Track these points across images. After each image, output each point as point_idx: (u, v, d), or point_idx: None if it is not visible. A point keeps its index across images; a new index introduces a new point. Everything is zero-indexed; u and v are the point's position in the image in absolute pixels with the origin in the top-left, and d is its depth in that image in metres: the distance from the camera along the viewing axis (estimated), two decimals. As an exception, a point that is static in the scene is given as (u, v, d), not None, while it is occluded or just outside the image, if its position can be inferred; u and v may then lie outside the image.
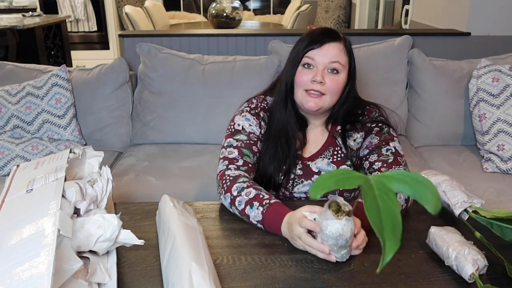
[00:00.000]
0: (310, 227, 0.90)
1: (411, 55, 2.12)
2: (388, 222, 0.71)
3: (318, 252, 0.90)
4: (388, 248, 0.69)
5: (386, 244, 0.69)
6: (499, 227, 0.94)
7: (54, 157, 1.00)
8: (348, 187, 0.76)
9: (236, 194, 1.07)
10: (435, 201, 0.72)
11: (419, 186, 0.74)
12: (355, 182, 0.76)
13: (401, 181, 0.76)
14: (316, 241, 0.89)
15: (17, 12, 4.68)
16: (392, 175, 0.77)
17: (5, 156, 1.79)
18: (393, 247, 0.69)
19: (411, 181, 0.75)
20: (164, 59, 2.10)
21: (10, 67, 2.09)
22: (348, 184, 0.76)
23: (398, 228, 0.70)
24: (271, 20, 5.57)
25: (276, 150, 1.21)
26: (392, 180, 0.76)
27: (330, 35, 1.17)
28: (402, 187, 0.75)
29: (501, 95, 1.86)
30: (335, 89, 1.17)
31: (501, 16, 2.42)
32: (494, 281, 0.85)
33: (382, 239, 0.69)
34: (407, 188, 0.75)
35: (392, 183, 0.75)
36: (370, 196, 0.73)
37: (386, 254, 0.68)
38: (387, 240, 0.69)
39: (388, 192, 0.74)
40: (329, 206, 0.88)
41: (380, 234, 0.69)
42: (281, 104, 1.22)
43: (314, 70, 1.16)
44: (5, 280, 0.62)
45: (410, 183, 0.75)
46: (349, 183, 0.76)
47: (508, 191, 1.66)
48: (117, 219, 0.81)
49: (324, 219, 0.87)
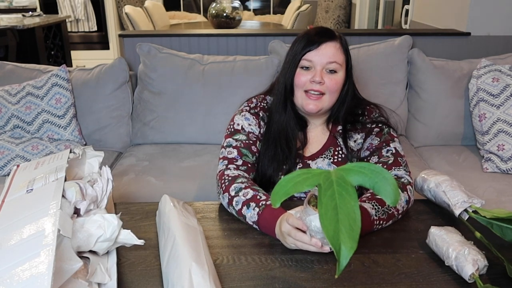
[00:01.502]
0: (297, 225, 0.90)
1: (411, 55, 2.12)
2: (346, 222, 0.69)
3: (310, 246, 0.90)
4: (343, 253, 0.67)
5: (341, 249, 0.67)
6: (499, 227, 0.94)
7: (54, 157, 1.00)
8: (308, 188, 0.75)
9: (234, 194, 1.07)
10: (393, 193, 0.72)
11: (378, 178, 0.73)
12: (314, 182, 0.75)
13: (360, 173, 0.75)
14: (306, 235, 0.90)
15: (17, 12, 4.68)
16: (351, 167, 0.76)
17: (5, 156, 1.79)
18: (350, 250, 0.67)
19: (370, 173, 0.74)
20: (164, 59, 2.10)
21: (10, 67, 2.09)
22: (307, 185, 0.75)
23: (356, 226, 0.69)
24: (271, 20, 5.57)
25: (276, 152, 1.21)
26: (351, 173, 0.75)
27: (326, 34, 1.17)
28: (361, 179, 0.74)
29: (501, 95, 1.86)
30: (334, 88, 1.17)
31: (501, 16, 2.42)
32: (494, 281, 0.85)
33: (336, 246, 0.67)
34: (366, 180, 0.74)
35: (351, 175, 0.74)
36: (327, 196, 0.72)
37: (341, 259, 0.66)
38: (343, 244, 0.67)
39: (347, 186, 0.72)
40: (308, 202, 0.88)
41: (334, 241, 0.67)
42: (280, 106, 1.22)
43: (313, 71, 1.16)
44: (5, 280, 0.62)
45: (369, 175, 0.74)
46: (308, 184, 0.75)
47: (508, 191, 1.66)
48: (117, 219, 0.81)
49: (306, 216, 0.88)
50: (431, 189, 1.11)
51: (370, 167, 0.75)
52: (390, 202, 0.72)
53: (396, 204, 0.72)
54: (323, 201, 0.71)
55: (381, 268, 0.89)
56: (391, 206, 1.04)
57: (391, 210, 1.04)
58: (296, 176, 0.77)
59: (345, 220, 0.69)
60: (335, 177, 0.74)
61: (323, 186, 0.73)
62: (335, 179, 0.74)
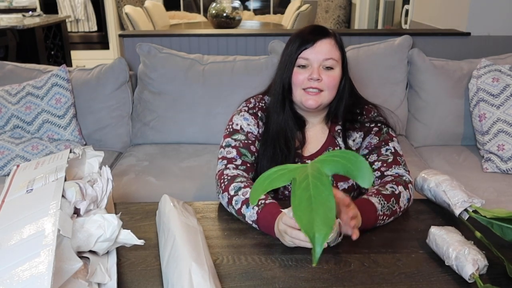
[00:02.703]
0: (290, 224, 0.91)
1: (411, 55, 2.12)
2: (320, 212, 0.71)
3: (306, 243, 0.90)
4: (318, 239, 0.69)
5: (315, 237, 0.69)
6: (499, 227, 0.94)
7: (54, 157, 1.00)
8: (283, 183, 0.77)
9: (233, 193, 1.07)
10: (368, 175, 0.73)
11: (350, 163, 0.75)
12: (289, 177, 0.77)
13: (333, 162, 0.77)
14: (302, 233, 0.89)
15: (17, 12, 4.68)
16: (325, 158, 0.78)
17: (5, 156, 1.79)
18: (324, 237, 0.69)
19: (343, 160, 0.76)
20: (164, 59, 2.10)
21: (10, 67, 2.09)
22: (283, 180, 0.77)
23: (331, 214, 0.70)
24: (271, 20, 5.57)
25: (275, 152, 1.21)
26: (325, 163, 0.77)
27: (320, 32, 1.18)
28: (335, 167, 0.76)
29: (501, 95, 1.86)
30: (332, 84, 1.17)
31: (501, 16, 2.42)
32: (494, 281, 0.85)
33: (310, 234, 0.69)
34: (340, 167, 0.76)
35: (325, 166, 0.76)
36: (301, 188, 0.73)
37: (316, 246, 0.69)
38: (317, 231, 0.69)
39: (322, 176, 0.74)
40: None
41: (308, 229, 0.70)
42: (278, 106, 1.22)
43: (310, 68, 1.17)
44: (5, 280, 0.62)
45: (342, 161, 0.76)
46: (284, 179, 0.77)
47: (508, 191, 1.66)
48: (117, 219, 0.81)
49: None
50: (431, 189, 1.11)
51: (342, 154, 0.77)
52: (366, 184, 0.73)
53: (371, 185, 0.74)
54: (297, 193, 0.73)
55: (381, 268, 0.89)
56: (395, 203, 1.05)
57: (394, 207, 1.05)
58: (273, 173, 0.79)
59: (319, 209, 0.71)
60: (311, 170, 0.76)
61: (298, 180, 0.75)
62: (310, 172, 0.75)
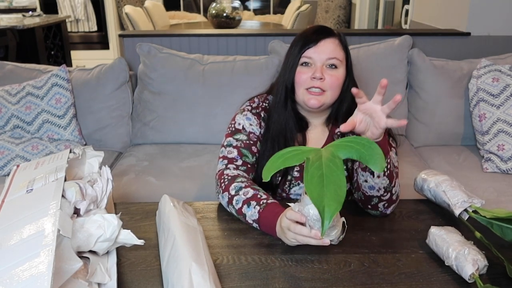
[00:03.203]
0: (295, 218, 0.91)
1: (411, 55, 2.12)
2: (331, 188, 0.75)
3: (310, 240, 0.90)
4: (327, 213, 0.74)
5: (325, 210, 0.74)
6: (499, 227, 0.94)
7: (54, 157, 1.00)
8: (296, 163, 0.80)
9: (234, 193, 1.07)
10: (380, 161, 0.78)
11: (364, 149, 0.79)
12: (302, 157, 0.80)
13: (347, 147, 0.81)
14: (306, 228, 0.90)
15: (17, 12, 4.69)
16: (339, 143, 0.82)
17: (5, 156, 1.79)
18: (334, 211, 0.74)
19: (356, 145, 0.80)
20: (164, 59, 2.10)
21: (10, 67, 2.09)
22: (296, 160, 0.81)
23: (341, 192, 0.75)
24: (271, 20, 5.57)
25: (274, 152, 1.20)
26: (339, 148, 0.81)
27: (324, 32, 1.18)
28: (348, 152, 0.80)
29: (501, 95, 1.86)
30: (335, 84, 1.16)
31: (501, 16, 2.42)
32: (494, 281, 0.85)
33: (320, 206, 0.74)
34: (353, 152, 0.80)
35: (340, 150, 0.81)
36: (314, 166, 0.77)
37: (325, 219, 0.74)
38: (327, 206, 0.74)
39: (335, 159, 0.78)
40: (305, 192, 0.89)
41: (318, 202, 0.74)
42: (280, 105, 1.22)
43: (313, 67, 1.16)
44: (5, 280, 0.62)
45: (356, 147, 0.80)
46: (297, 159, 0.81)
47: (508, 191, 1.66)
48: (117, 219, 0.81)
49: (304, 206, 0.89)
50: (431, 189, 1.11)
51: (356, 140, 0.81)
52: (378, 169, 0.77)
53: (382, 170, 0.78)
54: (310, 170, 0.77)
55: (381, 268, 0.89)
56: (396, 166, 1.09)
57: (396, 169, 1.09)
58: (286, 152, 0.82)
59: (330, 185, 0.75)
60: (325, 153, 0.80)
61: (311, 159, 0.78)
62: (324, 155, 0.79)
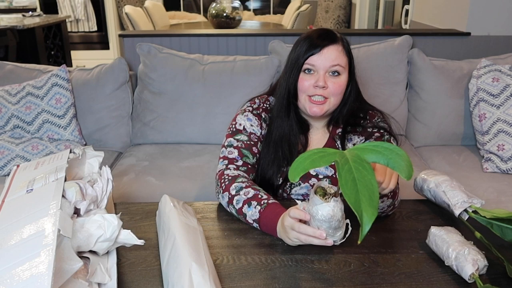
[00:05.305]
0: (300, 216, 0.90)
1: (411, 55, 2.12)
2: (365, 193, 0.73)
3: (314, 239, 0.90)
4: (365, 219, 0.72)
5: (363, 216, 0.72)
6: (499, 227, 0.94)
7: (54, 157, 1.00)
8: (324, 164, 0.79)
9: (234, 193, 1.07)
10: (407, 168, 0.77)
11: (392, 155, 0.78)
12: (330, 159, 0.79)
13: (374, 151, 0.79)
14: (310, 227, 0.90)
15: (17, 12, 4.69)
16: (365, 146, 0.81)
17: (5, 156, 1.79)
18: (371, 217, 0.72)
19: (384, 151, 0.79)
20: (164, 59, 2.10)
21: (10, 67, 2.09)
22: (324, 161, 0.79)
23: (375, 196, 0.73)
24: (271, 20, 5.57)
25: (276, 156, 1.20)
26: (366, 152, 0.80)
27: (328, 37, 1.17)
28: (376, 157, 0.79)
29: (501, 95, 1.86)
30: (338, 91, 1.17)
31: (501, 16, 2.42)
32: (494, 281, 0.85)
33: (358, 212, 0.72)
34: (381, 157, 0.79)
35: (367, 154, 0.79)
36: (345, 170, 0.76)
37: (364, 225, 0.72)
38: (365, 211, 0.72)
39: (363, 163, 0.77)
40: (315, 192, 0.89)
41: (356, 207, 0.72)
42: (283, 111, 1.21)
43: (316, 75, 1.16)
44: (5, 280, 0.62)
45: (383, 152, 0.79)
46: (325, 161, 0.79)
47: (508, 191, 1.66)
48: (117, 219, 0.81)
49: (313, 206, 0.89)
50: (431, 189, 1.11)
51: (383, 145, 0.80)
52: (405, 176, 0.76)
53: (410, 178, 0.77)
54: (342, 174, 0.75)
55: (381, 268, 0.89)
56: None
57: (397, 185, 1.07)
58: (313, 153, 0.81)
59: (364, 190, 0.74)
60: (350, 156, 0.78)
61: (340, 162, 0.77)
62: (350, 157, 0.78)
